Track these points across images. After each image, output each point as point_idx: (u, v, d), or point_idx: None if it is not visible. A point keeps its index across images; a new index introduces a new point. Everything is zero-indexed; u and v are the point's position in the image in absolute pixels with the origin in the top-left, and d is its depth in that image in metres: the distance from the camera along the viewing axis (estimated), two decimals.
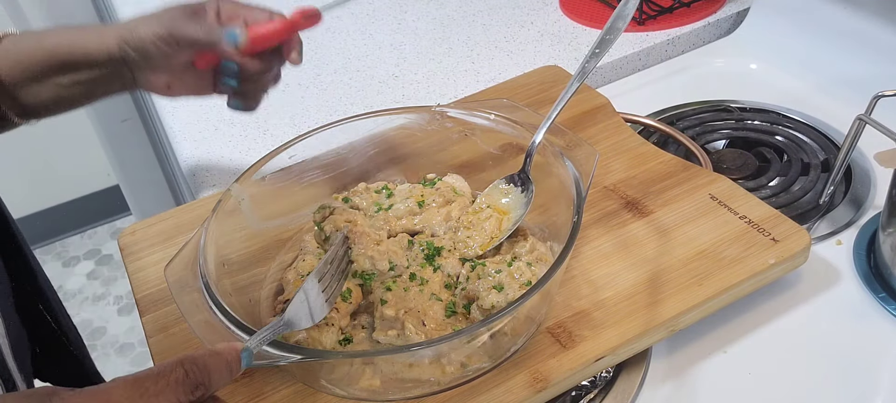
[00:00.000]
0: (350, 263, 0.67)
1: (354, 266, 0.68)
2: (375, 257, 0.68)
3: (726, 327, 0.70)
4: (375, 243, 0.70)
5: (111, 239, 2.70)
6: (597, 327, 0.64)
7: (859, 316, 0.70)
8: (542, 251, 0.68)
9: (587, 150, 0.69)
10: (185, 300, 0.60)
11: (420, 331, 0.62)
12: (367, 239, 0.69)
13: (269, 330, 0.54)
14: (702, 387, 0.65)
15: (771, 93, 0.99)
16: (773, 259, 0.68)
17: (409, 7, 1.28)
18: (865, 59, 0.94)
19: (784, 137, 0.91)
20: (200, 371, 0.45)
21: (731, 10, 1.14)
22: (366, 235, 0.69)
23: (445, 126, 0.79)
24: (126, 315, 2.42)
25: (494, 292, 0.63)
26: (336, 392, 0.62)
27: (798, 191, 0.83)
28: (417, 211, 0.74)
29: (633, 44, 1.09)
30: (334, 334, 0.63)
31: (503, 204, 0.73)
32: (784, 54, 1.03)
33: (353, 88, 1.09)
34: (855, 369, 0.66)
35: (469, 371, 0.61)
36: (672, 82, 1.05)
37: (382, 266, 0.68)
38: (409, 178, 0.81)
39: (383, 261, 0.68)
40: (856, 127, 0.77)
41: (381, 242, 0.70)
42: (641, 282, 0.68)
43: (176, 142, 1.04)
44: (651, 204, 0.76)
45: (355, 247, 0.69)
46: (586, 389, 0.65)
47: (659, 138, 0.91)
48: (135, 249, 0.79)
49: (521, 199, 0.72)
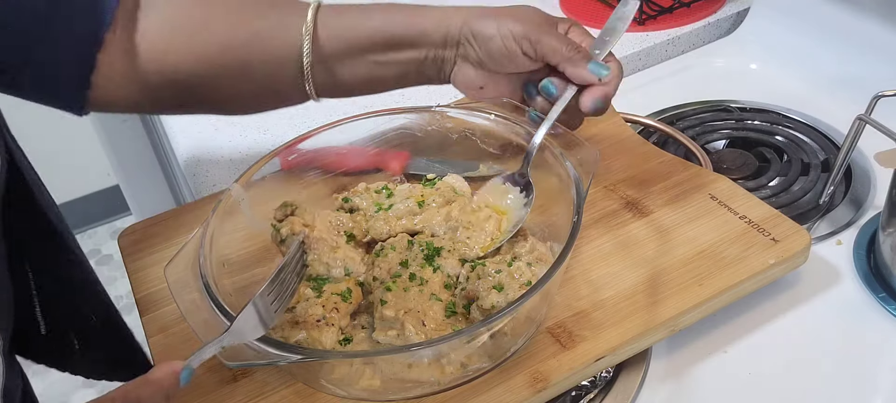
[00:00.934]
0: (305, 267, 0.67)
1: (309, 270, 0.67)
2: (331, 264, 0.68)
3: (726, 327, 0.70)
4: (331, 249, 0.69)
5: (111, 239, 2.70)
6: (597, 327, 0.64)
7: (859, 316, 0.70)
8: (542, 251, 0.68)
9: (587, 150, 0.69)
10: (185, 300, 0.60)
11: (420, 332, 0.62)
12: (322, 244, 0.69)
13: (214, 345, 0.52)
14: (702, 387, 0.65)
15: (771, 93, 0.99)
16: (773, 259, 0.68)
17: None
18: (865, 59, 0.94)
19: (784, 137, 0.91)
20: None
21: (731, 10, 1.14)
22: (322, 241, 0.69)
23: (445, 126, 0.79)
24: (126, 315, 2.40)
25: (494, 292, 0.63)
26: (336, 392, 0.62)
27: (798, 191, 0.83)
28: (417, 211, 0.74)
29: (633, 44, 1.09)
30: (334, 334, 0.63)
31: (502, 205, 0.73)
32: (784, 54, 1.03)
33: None
34: (855, 369, 0.66)
35: (469, 372, 0.61)
36: (672, 82, 1.05)
37: (337, 272, 0.68)
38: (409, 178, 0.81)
39: (339, 268, 0.68)
40: (856, 127, 0.77)
41: (337, 248, 0.70)
42: (641, 282, 0.68)
43: (176, 141, 1.04)
44: (651, 204, 0.76)
45: (311, 252, 0.68)
46: (586, 389, 0.65)
47: (659, 138, 0.91)
48: (135, 249, 0.79)
49: (521, 200, 0.72)
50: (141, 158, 1.91)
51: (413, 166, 0.82)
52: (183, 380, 0.48)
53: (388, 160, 0.81)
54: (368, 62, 0.70)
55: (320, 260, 0.68)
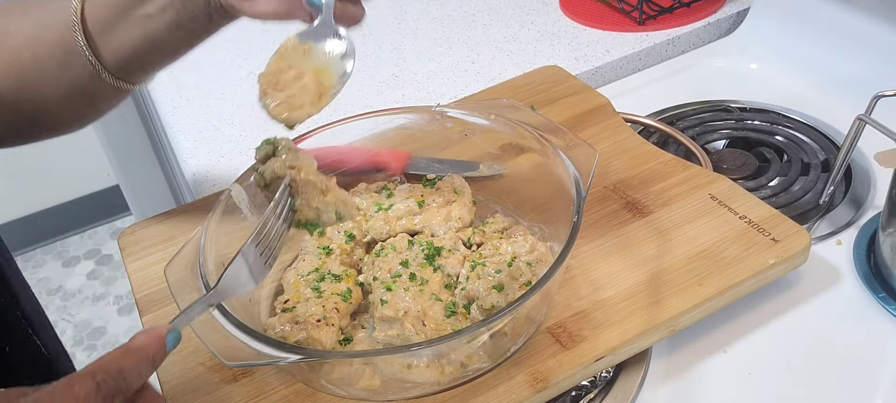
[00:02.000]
0: (293, 213, 0.62)
1: (298, 216, 0.63)
2: (321, 208, 0.63)
3: (726, 327, 0.70)
4: (321, 192, 0.64)
5: (111, 239, 2.70)
6: (597, 327, 0.64)
7: (859, 316, 0.70)
8: (542, 251, 0.68)
9: (587, 150, 0.69)
10: (185, 300, 0.60)
11: (420, 331, 0.62)
12: (311, 187, 0.63)
13: (201, 304, 0.50)
14: (702, 387, 0.65)
15: (771, 93, 0.99)
16: (773, 259, 0.68)
17: (409, 7, 1.28)
18: (865, 59, 0.94)
19: (784, 137, 0.91)
20: (114, 379, 0.43)
21: (731, 10, 1.14)
22: (310, 184, 0.63)
23: (445, 126, 0.79)
24: (126, 315, 2.42)
25: (494, 292, 0.63)
26: (336, 392, 0.62)
27: (798, 191, 0.83)
28: (417, 211, 0.74)
29: (633, 44, 1.09)
30: (334, 334, 0.63)
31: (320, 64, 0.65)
32: (784, 54, 1.03)
33: (353, 88, 1.09)
34: (855, 369, 0.66)
35: (469, 371, 0.61)
36: (672, 82, 1.05)
37: (328, 217, 0.63)
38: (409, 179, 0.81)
39: (329, 213, 0.63)
40: (856, 127, 0.77)
41: (327, 191, 0.64)
42: (641, 282, 0.68)
43: (176, 141, 1.04)
44: (651, 204, 0.76)
45: (299, 197, 0.63)
46: (586, 389, 0.65)
47: (659, 138, 0.91)
48: (135, 249, 0.79)
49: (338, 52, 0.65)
50: (141, 158, 1.91)
51: (413, 166, 0.82)
52: (169, 345, 0.47)
53: (388, 160, 0.81)
54: (138, 19, 0.67)
55: (309, 205, 0.63)
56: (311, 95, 0.65)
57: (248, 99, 1.09)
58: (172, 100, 1.11)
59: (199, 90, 1.13)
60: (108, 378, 0.43)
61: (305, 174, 0.63)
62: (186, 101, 1.10)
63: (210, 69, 1.17)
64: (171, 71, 0.74)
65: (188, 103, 1.10)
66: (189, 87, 1.13)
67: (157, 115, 1.15)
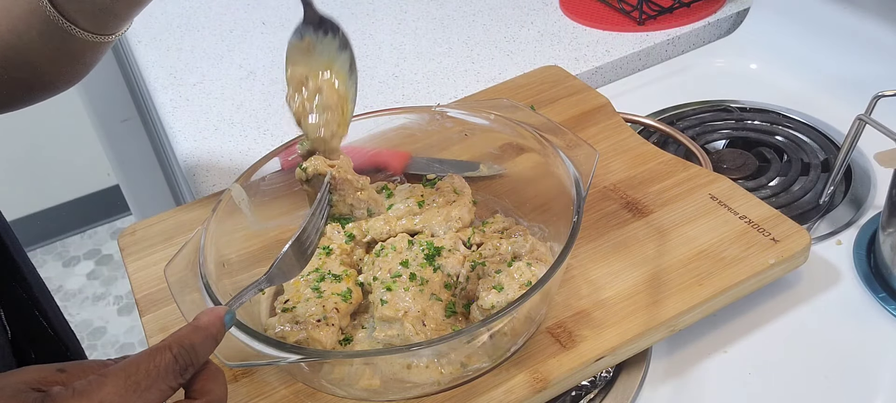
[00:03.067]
0: (330, 207, 0.68)
1: (333, 210, 0.68)
2: (354, 205, 0.70)
3: (726, 327, 0.70)
4: (355, 190, 0.70)
5: (111, 239, 2.70)
6: (597, 327, 0.64)
7: (859, 316, 0.70)
8: (542, 251, 0.68)
9: (587, 150, 0.69)
10: (185, 300, 0.60)
11: (420, 331, 0.62)
12: (347, 185, 0.70)
13: (252, 289, 0.55)
14: (702, 387, 0.65)
15: (771, 93, 0.99)
16: (773, 259, 0.68)
17: (409, 7, 1.28)
18: (865, 59, 0.94)
19: (784, 137, 0.91)
20: (188, 352, 0.46)
21: (731, 10, 1.14)
22: (347, 182, 0.70)
23: (445, 126, 0.79)
24: (126, 315, 2.42)
25: (494, 292, 0.63)
26: (336, 392, 0.62)
27: (798, 191, 0.83)
28: (417, 211, 0.74)
29: (633, 44, 1.09)
30: (334, 334, 0.63)
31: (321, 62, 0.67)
32: (784, 54, 1.03)
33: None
34: (855, 369, 0.66)
35: (469, 372, 0.61)
36: (672, 82, 1.05)
37: (360, 213, 0.70)
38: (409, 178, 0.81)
39: (361, 209, 0.70)
40: (856, 127, 0.77)
41: (362, 189, 0.71)
42: (641, 282, 0.68)
43: (176, 141, 1.04)
44: (651, 204, 0.76)
45: (336, 193, 0.69)
46: (586, 389, 0.65)
47: (659, 138, 0.91)
48: (135, 249, 0.79)
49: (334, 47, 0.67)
50: (141, 158, 1.91)
51: (413, 166, 0.82)
52: (227, 324, 0.50)
53: (388, 160, 0.81)
54: None
55: (344, 201, 0.69)
56: (335, 111, 0.69)
57: (248, 99, 1.09)
58: (172, 100, 1.11)
59: (199, 90, 1.13)
60: (183, 351, 0.46)
61: (343, 172, 0.69)
62: (186, 101, 1.10)
63: (210, 69, 1.17)
64: (171, 71, 0.74)
65: (188, 103, 1.10)
66: (189, 87, 1.13)
67: (157, 115, 1.15)
